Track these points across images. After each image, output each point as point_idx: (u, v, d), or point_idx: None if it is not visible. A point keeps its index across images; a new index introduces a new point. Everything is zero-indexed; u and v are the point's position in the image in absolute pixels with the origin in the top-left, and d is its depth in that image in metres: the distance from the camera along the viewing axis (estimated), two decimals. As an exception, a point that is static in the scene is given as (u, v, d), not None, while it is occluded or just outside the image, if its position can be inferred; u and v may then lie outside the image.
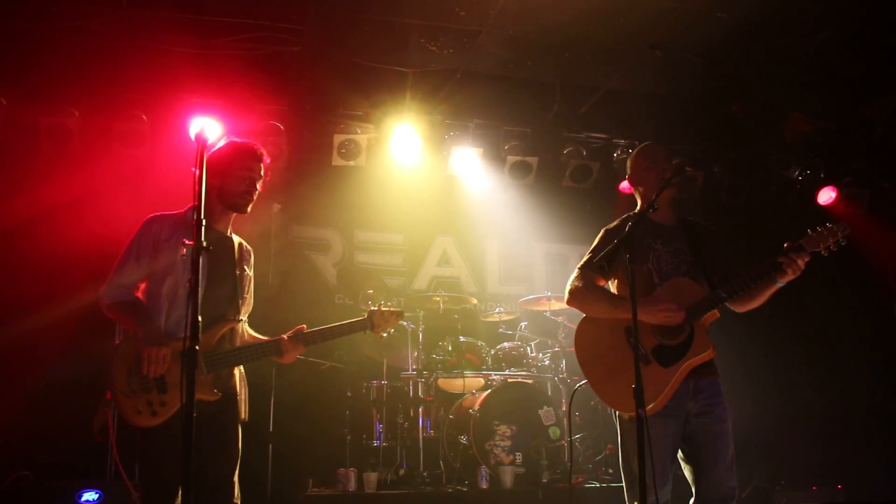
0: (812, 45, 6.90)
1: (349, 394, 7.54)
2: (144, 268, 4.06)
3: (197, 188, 3.25)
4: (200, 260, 3.17)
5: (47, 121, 7.18)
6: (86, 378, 7.04)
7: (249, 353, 4.15)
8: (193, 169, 3.31)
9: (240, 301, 4.24)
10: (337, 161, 7.99)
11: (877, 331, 8.92)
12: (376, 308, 4.50)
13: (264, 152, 4.34)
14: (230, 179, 4.17)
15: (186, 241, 3.20)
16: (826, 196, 8.88)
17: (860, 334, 8.98)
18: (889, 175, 9.15)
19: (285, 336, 4.25)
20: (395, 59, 7.30)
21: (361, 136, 7.95)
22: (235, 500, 4.07)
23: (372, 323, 4.46)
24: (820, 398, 8.67)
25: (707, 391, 4.10)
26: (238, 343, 4.20)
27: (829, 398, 8.67)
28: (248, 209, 4.26)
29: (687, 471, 4.14)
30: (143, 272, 4.07)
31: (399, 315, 4.56)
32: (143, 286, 4.11)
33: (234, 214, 4.32)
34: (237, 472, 4.11)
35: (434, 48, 6.96)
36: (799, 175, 8.85)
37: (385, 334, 4.58)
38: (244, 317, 4.34)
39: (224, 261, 4.22)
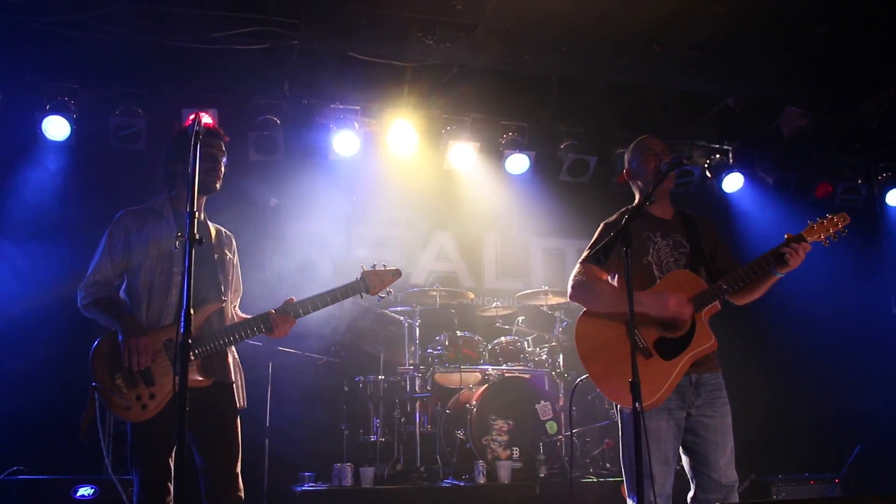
0: (810, 38, 6.89)
1: (346, 389, 7.54)
2: (119, 263, 4.03)
3: (191, 179, 3.23)
4: (186, 250, 3.12)
5: (45, 115, 7.17)
6: (82, 372, 7.06)
7: (237, 332, 4.04)
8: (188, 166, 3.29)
9: (222, 284, 4.17)
10: (334, 155, 7.99)
11: (874, 326, 8.94)
12: (370, 268, 4.30)
13: (221, 130, 4.28)
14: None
15: (179, 234, 3.16)
16: (822, 190, 8.89)
17: (859, 330, 8.99)
18: (886, 169, 9.15)
19: (273, 310, 4.12)
20: (392, 54, 7.28)
21: (359, 131, 7.94)
22: (240, 494, 4.03)
23: (366, 285, 4.25)
24: (818, 393, 8.68)
25: (709, 385, 4.12)
26: (227, 325, 4.13)
27: (827, 393, 8.68)
28: (217, 187, 4.20)
29: (686, 464, 4.15)
30: (118, 268, 4.04)
31: (396, 274, 4.35)
32: (122, 282, 4.09)
33: (205, 198, 4.27)
34: (239, 463, 4.08)
35: (431, 42, 6.94)
36: (795, 169, 8.87)
37: (382, 296, 4.37)
38: (233, 301, 4.29)
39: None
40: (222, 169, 4.21)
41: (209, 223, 4.33)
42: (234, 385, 4.16)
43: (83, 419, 3.81)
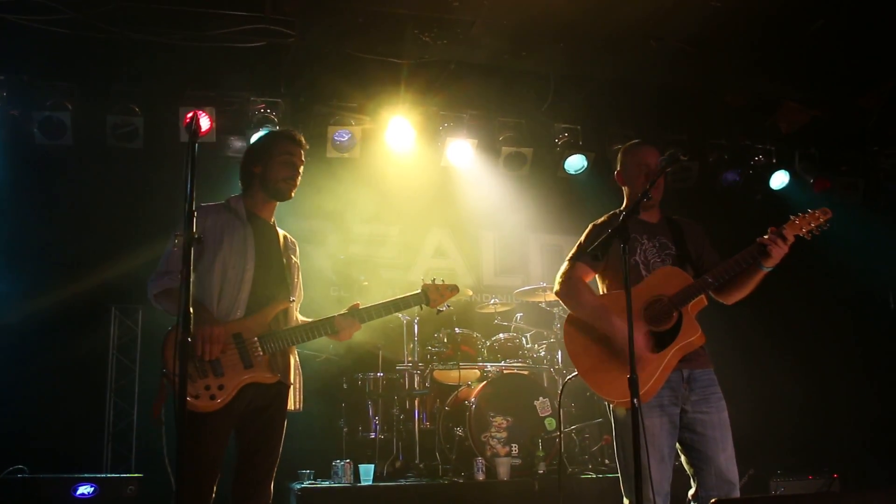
0: (807, 33, 6.88)
1: (345, 386, 7.54)
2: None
3: (189, 179, 3.23)
4: (249, 245, 3.22)
5: (40, 114, 7.15)
6: (82, 371, 7.08)
7: (304, 332, 4.11)
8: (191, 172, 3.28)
9: (290, 286, 4.23)
10: (331, 153, 7.98)
11: (872, 322, 8.94)
12: (430, 283, 4.45)
13: (303, 139, 4.33)
14: (271, 165, 4.18)
15: (177, 233, 3.18)
16: (820, 185, 8.86)
17: (857, 325, 8.99)
18: (884, 164, 9.13)
19: (338, 314, 4.19)
20: (389, 51, 7.26)
21: (356, 128, 7.93)
22: (268, 501, 4.04)
23: (427, 298, 4.39)
24: (817, 388, 8.68)
25: (701, 380, 4.14)
26: (292, 325, 4.18)
27: (826, 388, 8.68)
28: (292, 195, 4.25)
29: (686, 462, 4.15)
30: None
31: (454, 289, 4.49)
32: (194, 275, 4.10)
33: (277, 204, 4.32)
34: (275, 469, 4.09)
35: (428, 39, 6.93)
36: (793, 165, 8.86)
37: (441, 309, 4.51)
38: (296, 301, 4.33)
39: (270, 246, 4.22)
40: (300, 176, 4.26)
41: (278, 228, 4.36)
42: (293, 387, 4.20)
43: (155, 404, 3.78)
